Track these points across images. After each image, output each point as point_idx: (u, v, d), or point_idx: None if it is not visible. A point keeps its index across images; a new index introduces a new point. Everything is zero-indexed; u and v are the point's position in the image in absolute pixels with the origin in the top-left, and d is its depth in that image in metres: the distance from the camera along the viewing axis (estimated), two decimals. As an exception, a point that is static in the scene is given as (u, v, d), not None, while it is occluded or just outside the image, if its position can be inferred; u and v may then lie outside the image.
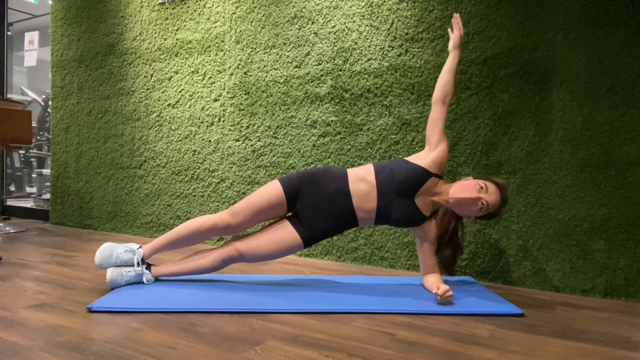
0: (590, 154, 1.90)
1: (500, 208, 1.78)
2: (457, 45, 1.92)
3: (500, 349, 1.28)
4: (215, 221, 1.82)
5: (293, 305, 1.60)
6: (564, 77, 1.95)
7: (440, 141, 1.85)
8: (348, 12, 2.41)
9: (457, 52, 1.91)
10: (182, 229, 1.84)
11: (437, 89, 1.90)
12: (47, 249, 2.62)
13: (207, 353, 1.20)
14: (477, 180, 1.77)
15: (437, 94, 1.89)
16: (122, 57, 3.29)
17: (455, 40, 1.92)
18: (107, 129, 3.38)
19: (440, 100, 1.87)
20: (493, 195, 1.75)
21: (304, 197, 1.83)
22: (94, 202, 3.45)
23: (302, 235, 1.81)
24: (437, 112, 1.87)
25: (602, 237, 1.88)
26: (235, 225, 1.82)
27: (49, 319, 1.44)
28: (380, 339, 1.33)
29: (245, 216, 1.82)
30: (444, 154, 1.83)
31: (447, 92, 1.88)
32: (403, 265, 2.28)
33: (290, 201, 1.83)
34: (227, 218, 1.82)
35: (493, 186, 1.77)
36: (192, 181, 2.95)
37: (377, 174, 1.82)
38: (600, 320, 1.58)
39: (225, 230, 1.83)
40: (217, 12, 2.85)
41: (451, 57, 1.91)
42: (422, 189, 1.79)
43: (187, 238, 1.84)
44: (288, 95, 2.59)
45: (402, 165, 1.82)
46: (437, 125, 1.86)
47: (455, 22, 1.95)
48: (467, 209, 1.75)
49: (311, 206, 1.81)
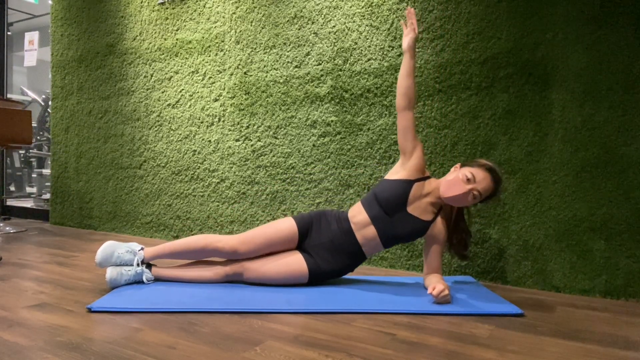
0: (590, 154, 1.90)
1: (496, 190, 1.76)
2: (411, 45, 1.84)
3: (500, 349, 1.28)
4: (223, 246, 1.82)
5: (293, 305, 1.60)
6: (564, 77, 1.95)
7: (415, 147, 1.83)
8: (348, 12, 2.41)
9: (412, 53, 1.84)
10: (189, 244, 1.84)
11: (399, 96, 1.83)
12: (47, 249, 2.62)
13: (207, 353, 1.20)
14: (464, 171, 1.74)
15: (401, 102, 1.83)
16: (122, 57, 3.29)
17: (409, 41, 1.83)
18: (107, 129, 3.38)
19: (405, 107, 1.83)
20: (483, 182, 1.73)
21: (312, 235, 1.87)
22: (94, 202, 3.45)
23: (309, 265, 1.83)
24: (405, 119, 1.83)
25: (602, 237, 1.88)
26: (242, 253, 1.84)
27: (49, 319, 1.44)
28: (380, 339, 1.33)
29: (255, 246, 1.83)
30: (420, 159, 1.83)
31: (411, 97, 1.83)
32: (403, 265, 2.28)
33: (302, 237, 1.88)
34: (236, 245, 1.82)
35: (482, 172, 1.74)
36: (192, 181, 2.95)
37: (366, 208, 1.84)
38: (600, 320, 1.58)
39: (231, 255, 1.84)
40: (217, 12, 2.85)
41: (407, 58, 1.83)
42: (410, 198, 1.79)
43: (191, 254, 1.85)
44: (288, 95, 2.59)
45: (382, 186, 1.84)
46: (408, 133, 1.83)
47: (410, 19, 1.86)
48: (462, 203, 1.76)
49: (319, 242, 1.85)
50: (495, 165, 1.78)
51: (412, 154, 1.82)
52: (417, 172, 1.81)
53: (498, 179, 1.76)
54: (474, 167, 1.76)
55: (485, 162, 1.78)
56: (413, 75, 1.84)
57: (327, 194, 2.46)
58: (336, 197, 2.43)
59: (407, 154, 1.83)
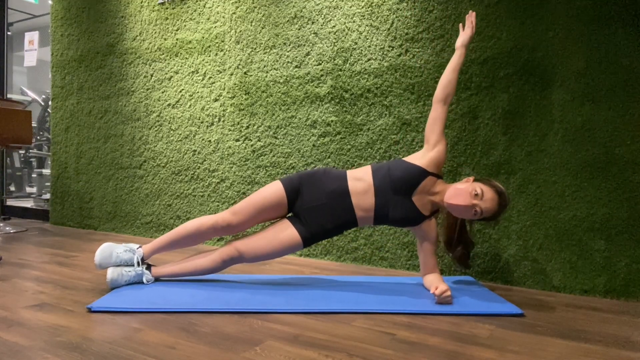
0: (590, 154, 1.90)
1: (497, 214, 1.74)
2: (466, 44, 1.89)
3: (500, 349, 1.28)
4: (216, 220, 1.82)
5: (293, 305, 1.60)
6: (564, 77, 1.95)
7: (439, 141, 1.83)
8: (348, 12, 2.41)
9: (464, 51, 1.88)
10: (183, 229, 1.85)
11: (439, 88, 1.86)
12: (47, 249, 2.62)
13: (207, 353, 1.20)
14: (475, 185, 1.72)
15: (439, 94, 1.86)
16: (122, 57, 3.29)
17: (465, 39, 1.89)
18: (107, 129, 3.38)
19: (442, 99, 1.85)
20: (488, 203, 1.70)
21: (303, 197, 1.83)
22: (94, 202, 3.45)
23: (302, 234, 1.81)
24: (438, 111, 1.85)
25: (602, 237, 1.88)
26: (236, 225, 1.82)
27: (49, 319, 1.44)
28: (380, 339, 1.33)
29: (246, 215, 1.82)
30: (442, 154, 1.82)
31: (450, 91, 1.85)
32: (403, 265, 2.28)
33: (291, 201, 1.84)
34: (228, 217, 1.82)
35: (491, 192, 1.71)
36: (192, 181, 2.95)
37: (374, 174, 1.81)
38: (600, 320, 1.58)
39: (226, 229, 1.83)
40: (217, 12, 2.85)
41: (457, 55, 1.88)
42: (419, 188, 1.78)
43: (188, 238, 1.84)
44: (288, 95, 2.59)
45: (399, 164, 1.81)
46: (436, 124, 1.84)
47: (469, 20, 1.92)
48: (461, 214, 1.74)
49: (311, 205, 1.82)
50: (505, 191, 1.75)
51: (435, 146, 1.82)
52: (434, 166, 1.80)
53: (504, 205, 1.74)
54: (486, 184, 1.74)
55: (497, 184, 1.76)
56: (458, 71, 1.87)
57: (327, 194, 2.46)
58: (336, 197, 2.43)
59: (430, 145, 1.82)
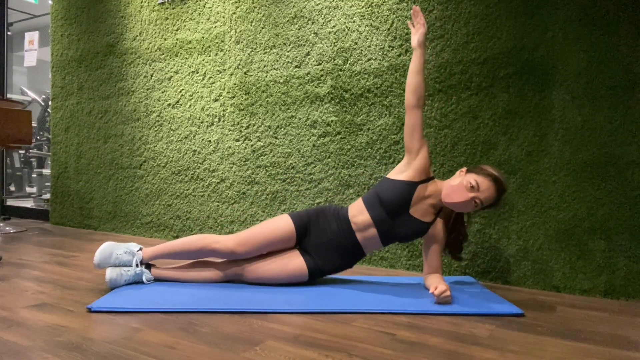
0: (590, 154, 1.90)
1: (498, 200, 1.74)
2: (422, 42, 1.82)
3: (500, 349, 1.28)
4: (221, 247, 1.81)
5: (293, 305, 1.60)
6: (564, 77, 1.95)
7: (421, 147, 1.80)
8: (348, 12, 2.41)
9: (423, 50, 1.82)
10: (187, 244, 1.83)
11: (409, 93, 1.81)
12: (47, 249, 2.62)
13: (207, 353, 1.20)
14: (468, 178, 1.71)
15: (411, 99, 1.80)
16: (122, 57, 3.29)
17: (420, 37, 1.82)
18: (107, 129, 3.38)
19: (414, 104, 1.80)
20: (486, 192, 1.70)
21: (311, 234, 1.86)
22: (94, 202, 3.45)
23: (309, 265, 1.83)
24: (414, 117, 1.80)
25: (602, 237, 1.88)
26: (241, 254, 1.83)
27: (49, 319, 1.44)
28: (380, 339, 1.33)
29: (253, 247, 1.83)
30: (427, 159, 1.80)
31: (421, 94, 1.80)
32: (403, 265, 2.28)
33: (300, 236, 1.87)
34: (234, 247, 1.81)
35: (486, 181, 1.70)
36: (192, 181, 2.95)
37: (367, 207, 1.82)
38: (600, 320, 1.58)
39: (229, 256, 1.84)
40: (217, 12, 2.85)
41: (416, 56, 1.81)
42: (413, 200, 1.78)
43: (189, 254, 1.85)
44: (288, 95, 2.59)
45: (385, 186, 1.81)
46: (415, 131, 1.80)
47: (416, 16, 1.85)
48: (463, 209, 1.75)
49: (319, 242, 1.85)
50: (500, 175, 1.74)
51: (418, 153, 1.80)
52: (421, 174, 1.79)
53: (502, 190, 1.73)
54: (479, 175, 1.72)
55: (491, 171, 1.74)
56: (423, 72, 1.81)
57: (327, 194, 2.46)
58: (336, 197, 2.43)
59: (413, 153, 1.80)
